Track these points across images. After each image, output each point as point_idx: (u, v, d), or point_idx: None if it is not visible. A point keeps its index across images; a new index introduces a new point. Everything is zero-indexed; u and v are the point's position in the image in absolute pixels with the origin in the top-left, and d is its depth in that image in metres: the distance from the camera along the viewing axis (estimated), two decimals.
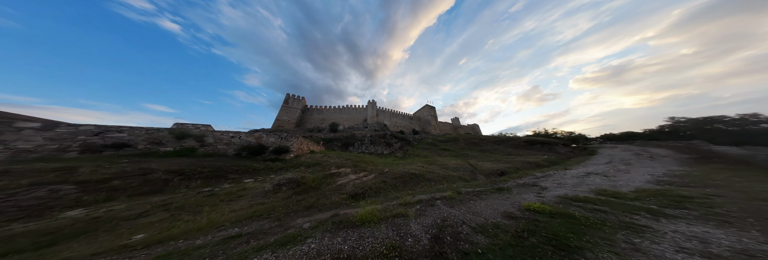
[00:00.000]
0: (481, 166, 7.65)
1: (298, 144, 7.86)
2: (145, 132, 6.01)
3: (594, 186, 3.34)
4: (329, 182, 4.01)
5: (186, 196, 2.88)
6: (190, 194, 3.00)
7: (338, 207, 2.56)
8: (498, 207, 2.11)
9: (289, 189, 3.24)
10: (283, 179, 3.49)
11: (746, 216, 1.71)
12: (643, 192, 2.74)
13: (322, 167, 5.50)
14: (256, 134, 7.59)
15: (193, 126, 7.38)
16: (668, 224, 1.58)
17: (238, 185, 3.51)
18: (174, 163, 4.32)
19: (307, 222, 1.84)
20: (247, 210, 2.38)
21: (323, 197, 3.02)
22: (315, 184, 3.70)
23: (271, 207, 2.47)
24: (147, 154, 5.29)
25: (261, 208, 2.44)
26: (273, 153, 6.58)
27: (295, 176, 3.71)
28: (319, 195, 3.09)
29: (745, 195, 2.50)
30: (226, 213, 2.28)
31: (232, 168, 4.60)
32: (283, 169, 5.20)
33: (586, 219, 1.64)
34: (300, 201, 2.77)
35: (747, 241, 1.24)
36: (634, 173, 4.91)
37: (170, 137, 6.08)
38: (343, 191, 3.36)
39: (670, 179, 3.86)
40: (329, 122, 25.76)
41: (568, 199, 2.42)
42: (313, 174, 4.38)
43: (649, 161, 6.85)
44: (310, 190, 3.38)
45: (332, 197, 3.04)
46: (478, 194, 2.93)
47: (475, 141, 16.12)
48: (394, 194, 3.34)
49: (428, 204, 2.31)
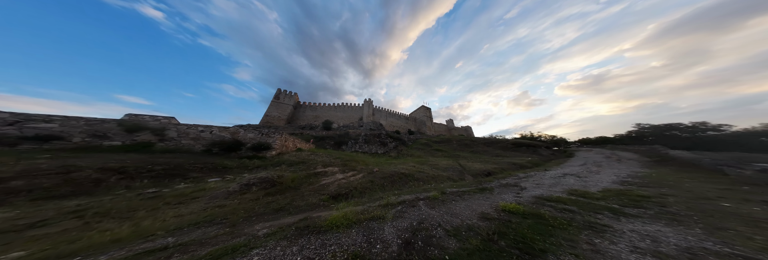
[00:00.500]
0: (470, 166, 7.87)
1: (282, 141, 7.38)
2: (84, 123, 4.96)
3: (567, 186, 3.53)
4: (311, 182, 3.81)
5: (118, 199, 2.43)
6: (126, 196, 2.56)
7: (313, 209, 2.42)
8: (476, 208, 2.13)
9: (260, 190, 2.98)
10: (254, 179, 3.21)
11: (692, 214, 1.88)
12: (609, 192, 2.95)
13: (307, 166, 5.24)
14: (232, 128, 6.86)
15: (151, 118, 6.48)
16: (627, 223, 1.68)
17: (197, 186, 3.14)
18: (117, 160, 3.69)
19: (266, 227, 1.67)
20: (197, 215, 2.09)
21: (299, 198, 2.84)
22: (294, 184, 3.49)
23: (231, 211, 2.24)
24: (84, 148, 4.46)
25: (217, 212, 2.19)
26: (251, 150, 6.05)
27: (271, 175, 3.45)
28: (294, 196, 2.90)
29: (691, 194, 2.78)
30: (168, 219, 1.96)
31: (195, 166, 4.13)
32: (261, 167, 4.83)
33: (555, 219, 1.69)
34: (270, 203, 2.55)
35: (691, 239, 1.34)
36: (603, 174, 5.30)
37: (119, 129, 5.16)
38: (324, 192, 3.20)
39: (633, 180, 4.22)
40: (323, 120, 25.02)
41: (543, 199, 2.52)
42: (294, 173, 4.14)
43: (616, 164, 7.48)
44: (286, 190, 3.16)
45: (310, 198, 2.86)
46: (462, 194, 2.96)
47: (466, 143, 16.62)
48: (380, 194, 3.27)
49: (410, 205, 2.27)
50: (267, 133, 7.32)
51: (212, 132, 6.42)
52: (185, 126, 6.34)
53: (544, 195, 2.81)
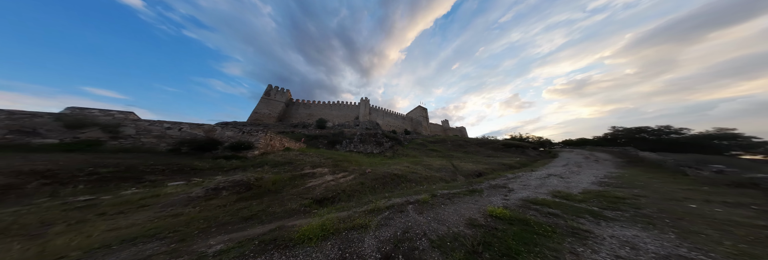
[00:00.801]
0: (463, 167, 7.98)
1: (267, 140, 6.88)
2: (6, 116, 4.06)
3: (551, 188, 3.63)
4: (296, 185, 3.57)
5: (31, 210, 1.90)
6: (44, 206, 2.03)
7: (291, 217, 2.21)
8: (465, 213, 2.07)
9: (232, 194, 2.70)
10: (226, 182, 2.90)
11: (664, 217, 1.96)
12: (589, 194, 3.05)
13: (294, 167, 4.94)
14: (206, 126, 6.24)
15: (102, 112, 5.38)
16: (607, 227, 1.70)
17: (151, 191, 2.67)
18: (47, 161, 3.06)
19: (224, 242, 1.44)
20: (139, 228, 1.72)
21: (278, 203, 2.59)
22: (275, 187, 3.23)
23: (186, 221, 1.92)
24: (2, 147, 3.66)
25: (167, 223, 1.84)
26: (229, 149, 5.56)
27: (247, 177, 3.16)
28: (272, 201, 2.65)
29: (660, 195, 2.95)
30: (95, 235, 1.54)
31: (154, 168, 3.57)
32: (240, 169, 4.41)
33: (540, 225, 1.66)
34: (240, 210, 2.29)
35: (667, 245, 1.35)
36: (583, 175, 5.57)
37: (56, 124, 4.32)
38: (308, 196, 2.98)
39: (609, 181, 4.46)
40: (317, 118, 24.23)
41: (529, 202, 2.53)
42: (277, 175, 3.86)
43: (594, 164, 8.00)
44: (264, 195, 2.90)
45: (290, 203, 2.63)
46: (452, 197, 2.91)
47: (460, 143, 16.95)
48: (369, 197, 3.11)
49: (398, 211, 2.15)
50: (249, 131, 6.74)
51: (181, 129, 5.72)
52: (147, 122, 5.52)
53: (530, 197, 2.83)
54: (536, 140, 19.71)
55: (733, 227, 1.67)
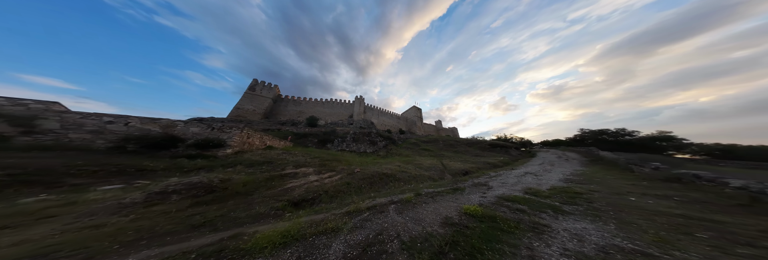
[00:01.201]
0: (451, 166, 8.32)
1: (244, 138, 6.22)
2: None
3: (525, 185, 3.95)
4: (272, 186, 3.36)
5: None
6: None
7: (256, 222, 2.05)
8: (443, 211, 2.15)
9: (185, 198, 2.38)
10: (179, 184, 2.52)
11: (609, 210, 2.26)
12: (555, 190, 3.39)
13: (274, 167, 4.64)
14: (164, 120, 5.45)
15: (9, 101, 4.29)
16: (563, 221, 1.90)
17: (66, 197, 2.18)
18: None
19: (148, 257, 1.24)
20: (31, 245, 1.33)
21: (244, 207, 2.41)
22: (245, 189, 2.99)
23: (109, 233, 1.57)
24: None
25: (75, 237, 1.47)
26: (194, 148, 4.95)
27: (209, 178, 2.83)
28: (238, 205, 2.44)
29: (610, 190, 3.39)
30: None
31: (83, 169, 2.95)
32: (205, 169, 3.94)
33: (506, 221, 1.79)
34: (191, 217, 2.03)
35: (606, 235, 1.57)
36: (554, 172, 6.17)
37: None
38: (284, 198, 2.82)
39: (574, 178, 5.00)
40: (308, 116, 23.22)
41: (502, 199, 2.73)
42: (251, 176, 3.58)
43: (565, 163, 8.93)
44: (229, 198, 2.64)
45: (260, 206, 2.47)
46: (435, 195, 3.01)
47: (451, 143, 17.60)
48: (353, 198, 3.07)
49: (379, 211, 2.16)
50: (220, 128, 6.03)
51: (129, 124, 4.89)
52: (78, 115, 4.63)
53: (505, 194, 3.05)
54: (519, 141, 21.38)
55: (657, 216, 1.99)
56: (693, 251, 1.30)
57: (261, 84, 28.14)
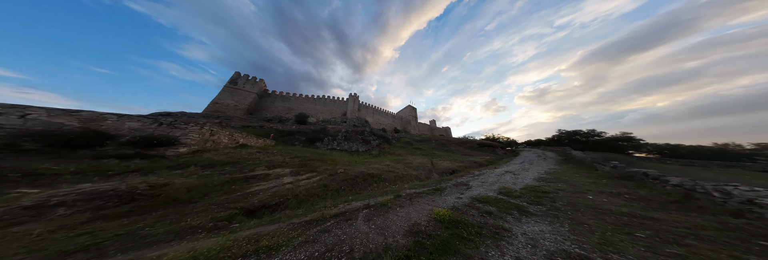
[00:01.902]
0: (440, 165, 8.49)
1: (205, 135, 5.44)
2: None
3: (502, 184, 4.10)
4: (231, 190, 3.01)
5: None
6: None
7: (176, 239, 1.67)
8: (414, 217, 2.11)
9: (84, 211, 1.86)
10: (72, 194, 1.94)
11: (568, 209, 2.40)
12: (526, 189, 3.55)
13: (241, 168, 4.22)
14: (85, 113, 4.49)
15: None
16: (525, 223, 1.96)
17: None
18: None
19: None
20: None
21: (171, 219, 1.99)
22: (190, 195, 2.56)
23: None
24: None
25: None
26: (131, 146, 4.19)
27: (130, 185, 2.29)
28: (165, 216, 2.01)
29: (573, 189, 3.62)
30: None
31: None
32: (141, 171, 3.27)
33: (470, 227, 1.79)
34: (73, 238, 1.55)
35: (559, 239, 1.63)
36: (531, 171, 6.52)
37: None
38: (237, 205, 2.48)
39: (546, 177, 5.30)
40: (297, 113, 22.11)
41: (476, 200, 2.78)
42: (203, 179, 3.13)
43: (542, 162, 9.56)
44: (160, 207, 2.19)
45: (198, 217, 2.08)
46: (414, 197, 2.98)
47: (443, 142, 18.06)
48: (328, 202, 2.93)
49: (346, 219, 2.05)
50: (172, 123, 5.21)
51: (26, 116, 3.85)
52: None
53: (480, 194, 3.12)
54: (505, 141, 22.75)
55: (607, 215, 2.15)
56: (630, 252, 1.38)
57: (244, 78, 25.98)
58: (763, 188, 2.12)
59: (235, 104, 23.00)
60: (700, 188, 2.65)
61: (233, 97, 23.55)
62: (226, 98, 23.14)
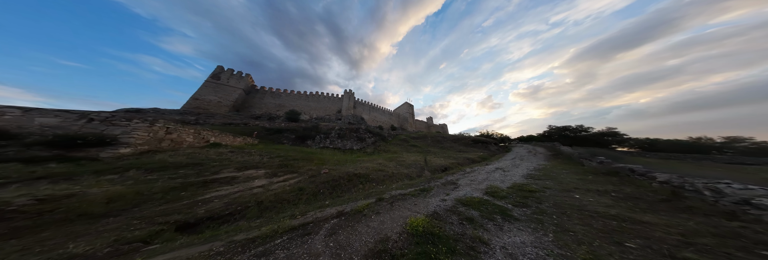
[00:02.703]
0: (434, 162, 8.36)
1: (156, 133, 4.63)
2: None
3: (490, 182, 3.94)
4: (176, 198, 2.57)
5: None
6: None
7: None
8: (385, 228, 1.84)
9: None
10: None
11: (553, 212, 2.22)
12: (513, 188, 3.40)
13: (201, 171, 3.69)
14: None
15: None
16: (505, 233, 1.75)
17: None
18: None
19: None
20: None
21: (49, 244, 1.47)
22: (108, 207, 2.05)
23: None
24: None
25: None
26: (47, 147, 3.45)
27: (6, 199, 1.78)
28: (42, 242, 1.49)
29: (560, 186, 3.49)
30: None
31: None
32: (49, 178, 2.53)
33: (445, 241, 1.55)
34: None
35: (541, 254, 1.42)
36: (521, 167, 6.48)
37: None
38: (173, 218, 2.03)
39: (535, 173, 5.22)
40: (288, 110, 21.12)
41: (460, 202, 2.58)
42: (143, 185, 2.64)
43: (532, 157, 9.67)
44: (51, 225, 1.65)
45: (95, 239, 1.54)
46: (396, 200, 2.73)
47: (438, 139, 18.11)
48: (297, 209, 2.63)
49: (304, 233, 1.74)
50: (109, 119, 4.36)
51: None
52: None
53: (465, 195, 2.92)
54: (499, 137, 23.18)
55: (594, 219, 1.99)
56: None
57: (228, 72, 24.14)
58: (759, 186, 1.99)
59: (218, 101, 21.56)
60: (689, 186, 2.55)
61: (216, 93, 22.00)
62: (209, 93, 21.59)
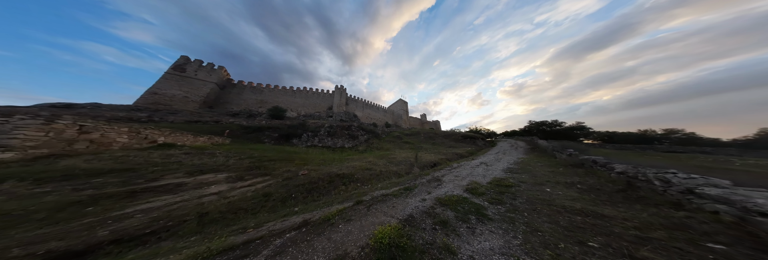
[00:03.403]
0: (424, 158, 8.40)
1: (65, 132, 3.52)
2: None
3: (473, 178, 3.95)
4: (76, 216, 1.93)
5: None
6: None
7: None
8: (348, 241, 1.62)
9: None
10: None
11: (525, 209, 2.22)
12: (492, 183, 3.43)
13: (133, 178, 2.98)
14: None
15: None
16: (477, 237, 1.66)
17: None
18: None
19: None
20: None
21: None
22: None
23: None
24: None
25: None
26: None
27: None
28: None
29: (535, 179, 3.62)
30: None
31: None
32: None
33: (410, 254, 1.39)
34: None
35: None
36: (503, 161, 6.74)
37: None
38: (44, 247, 1.43)
39: (513, 167, 5.46)
40: (271, 106, 19.35)
41: (439, 202, 2.49)
42: (12, 203, 1.92)
43: (514, 151, 10.27)
44: None
45: None
46: (374, 203, 2.52)
47: (431, 135, 18.43)
48: (252, 220, 2.29)
49: (241, 256, 1.43)
50: None
51: None
52: None
53: (446, 194, 2.85)
54: (486, 132, 24.62)
55: (561, 215, 2.02)
56: None
57: (196, 64, 20.88)
58: (699, 175, 2.19)
59: (184, 96, 18.80)
60: (641, 176, 2.77)
61: (181, 86, 19.08)
62: (171, 87, 18.63)
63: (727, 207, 1.64)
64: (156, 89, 17.44)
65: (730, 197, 1.66)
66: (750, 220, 1.49)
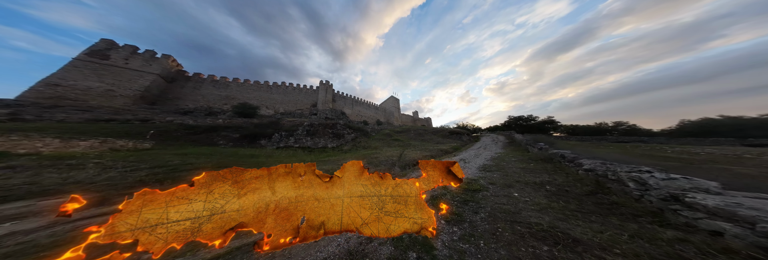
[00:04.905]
0: (409, 155, 7.84)
1: None
2: None
3: None
4: None
5: None
6: None
7: None
8: None
9: None
10: None
11: (484, 230, 1.68)
12: (464, 184, 2.92)
13: None
14: None
15: None
16: None
17: None
18: None
19: None
20: None
21: None
22: None
23: None
24: None
25: None
26: None
27: None
28: None
29: (505, 179, 3.26)
30: None
31: None
32: None
33: None
34: None
35: None
36: (481, 157, 6.55)
37: None
38: None
39: (489, 163, 5.19)
40: (238, 103, 16.73)
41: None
42: None
43: (493, 146, 10.44)
44: None
45: None
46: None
47: (421, 132, 18.37)
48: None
49: None
50: None
51: None
52: None
53: None
54: (472, 128, 25.82)
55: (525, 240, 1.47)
56: None
57: (127, 50, 16.57)
58: (681, 175, 1.79)
59: (108, 89, 14.83)
60: (611, 175, 2.47)
61: (102, 77, 15.03)
62: (85, 78, 14.45)
63: (733, 226, 1.10)
64: (58, 80, 12.56)
65: (735, 210, 1.14)
66: None
